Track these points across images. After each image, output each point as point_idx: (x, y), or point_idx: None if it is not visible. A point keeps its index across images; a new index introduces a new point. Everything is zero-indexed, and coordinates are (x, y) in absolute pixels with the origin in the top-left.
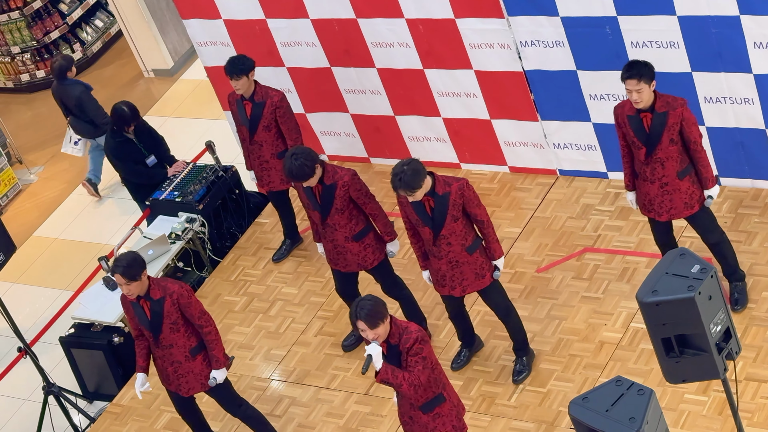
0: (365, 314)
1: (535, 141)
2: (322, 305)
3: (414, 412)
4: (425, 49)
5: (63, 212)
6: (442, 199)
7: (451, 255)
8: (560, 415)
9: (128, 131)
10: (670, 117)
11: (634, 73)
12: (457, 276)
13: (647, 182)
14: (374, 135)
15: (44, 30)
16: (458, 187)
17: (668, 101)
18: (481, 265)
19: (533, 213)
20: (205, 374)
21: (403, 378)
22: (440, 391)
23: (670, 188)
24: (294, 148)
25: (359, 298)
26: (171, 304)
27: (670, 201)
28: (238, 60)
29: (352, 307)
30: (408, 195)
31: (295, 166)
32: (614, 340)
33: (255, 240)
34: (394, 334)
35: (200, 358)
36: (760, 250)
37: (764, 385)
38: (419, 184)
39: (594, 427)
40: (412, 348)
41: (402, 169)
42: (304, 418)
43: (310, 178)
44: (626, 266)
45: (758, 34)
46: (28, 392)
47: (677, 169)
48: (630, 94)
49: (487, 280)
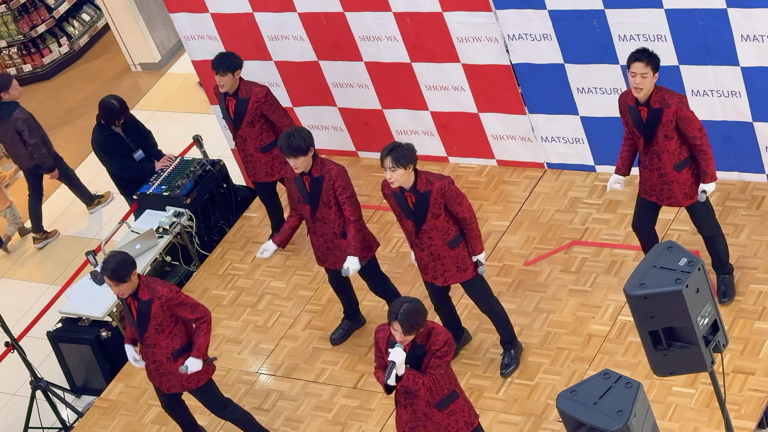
0: (407, 321)
1: (522, 134)
2: (310, 299)
3: (429, 410)
4: (413, 42)
5: (50, 206)
6: (423, 196)
7: (433, 248)
8: (548, 408)
9: (117, 125)
10: (664, 114)
11: (643, 56)
12: (439, 267)
13: (647, 170)
14: (362, 129)
15: (31, 24)
16: (440, 187)
17: (664, 97)
18: (463, 259)
19: (521, 206)
20: (186, 376)
21: (422, 384)
22: (453, 388)
23: (667, 179)
24: (293, 128)
25: (403, 299)
26: (159, 306)
27: (669, 191)
28: (227, 57)
29: (395, 305)
30: (389, 169)
31: (293, 139)
32: (602, 333)
33: (243, 234)
34: (422, 333)
35: (181, 361)
36: (748, 242)
37: (751, 377)
38: (405, 164)
39: (582, 420)
40: (440, 350)
41: (399, 143)
42: (292, 411)
43: (302, 155)
44: (614, 259)
45: (745, 27)
46: (16, 387)
47: (674, 162)
48: (634, 77)
49: (468, 274)
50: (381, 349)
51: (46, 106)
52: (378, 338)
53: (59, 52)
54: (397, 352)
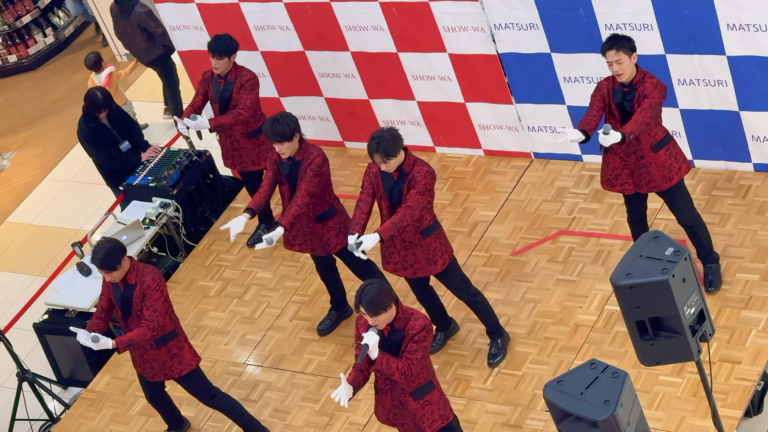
0: (367, 301)
1: (509, 124)
2: (297, 290)
3: (405, 398)
4: (399, 32)
5: (36, 198)
6: (402, 177)
7: (405, 235)
8: (535, 398)
9: (101, 117)
10: (637, 91)
11: (612, 43)
12: (410, 257)
13: (620, 157)
14: (348, 119)
15: (15, 14)
16: (418, 170)
17: (644, 77)
18: (434, 250)
19: (508, 196)
20: (169, 365)
21: (396, 368)
22: (430, 379)
23: (645, 161)
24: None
25: (364, 283)
26: (139, 293)
27: (648, 174)
28: (224, 40)
29: (358, 290)
30: (382, 163)
31: (277, 124)
32: (589, 323)
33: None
34: (400, 318)
35: (164, 349)
36: (734, 232)
37: (738, 366)
38: (395, 152)
39: (569, 410)
40: (418, 335)
41: (381, 134)
42: (279, 402)
43: (287, 141)
44: (601, 249)
45: (731, 16)
46: (2, 379)
47: (650, 142)
48: (611, 66)
49: (438, 267)
50: (359, 335)
51: (32, 96)
52: (358, 324)
53: (44, 42)
54: (370, 335)
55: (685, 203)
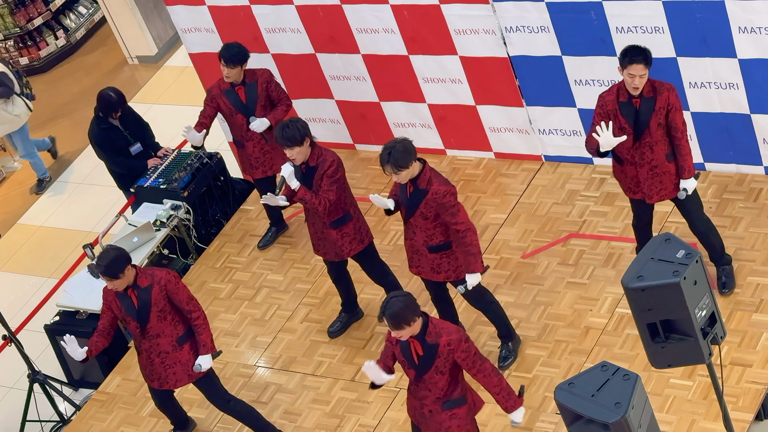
0: (390, 314)
1: (520, 127)
2: (308, 292)
3: (435, 406)
4: (410, 35)
5: (47, 200)
6: (418, 192)
7: (415, 243)
8: (546, 401)
9: (114, 117)
10: (657, 101)
11: (642, 58)
12: (415, 260)
13: (635, 166)
14: (359, 121)
15: (27, 17)
16: (435, 191)
17: (654, 86)
18: (438, 263)
19: (518, 199)
20: (192, 364)
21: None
22: (463, 394)
23: (659, 171)
24: (289, 118)
25: (390, 294)
26: (159, 290)
27: (660, 183)
28: (236, 48)
29: (383, 302)
30: (393, 174)
31: (287, 129)
32: (600, 326)
33: (240, 227)
34: (431, 332)
35: (187, 347)
36: (745, 235)
37: (749, 369)
38: (407, 164)
39: (580, 413)
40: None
41: (394, 144)
42: (290, 404)
43: (297, 146)
44: (611, 252)
45: (743, 18)
46: (14, 380)
47: (666, 151)
48: (632, 79)
49: (441, 277)
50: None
51: (43, 99)
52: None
53: (56, 45)
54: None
55: (697, 210)
